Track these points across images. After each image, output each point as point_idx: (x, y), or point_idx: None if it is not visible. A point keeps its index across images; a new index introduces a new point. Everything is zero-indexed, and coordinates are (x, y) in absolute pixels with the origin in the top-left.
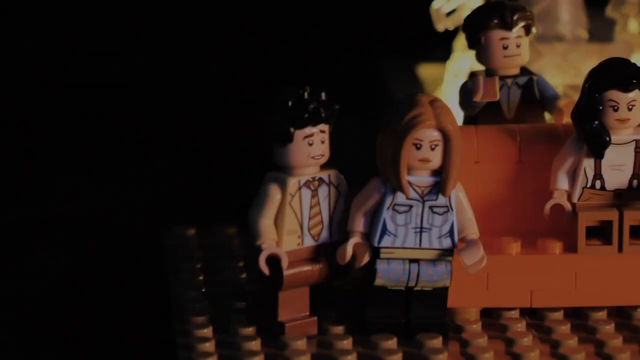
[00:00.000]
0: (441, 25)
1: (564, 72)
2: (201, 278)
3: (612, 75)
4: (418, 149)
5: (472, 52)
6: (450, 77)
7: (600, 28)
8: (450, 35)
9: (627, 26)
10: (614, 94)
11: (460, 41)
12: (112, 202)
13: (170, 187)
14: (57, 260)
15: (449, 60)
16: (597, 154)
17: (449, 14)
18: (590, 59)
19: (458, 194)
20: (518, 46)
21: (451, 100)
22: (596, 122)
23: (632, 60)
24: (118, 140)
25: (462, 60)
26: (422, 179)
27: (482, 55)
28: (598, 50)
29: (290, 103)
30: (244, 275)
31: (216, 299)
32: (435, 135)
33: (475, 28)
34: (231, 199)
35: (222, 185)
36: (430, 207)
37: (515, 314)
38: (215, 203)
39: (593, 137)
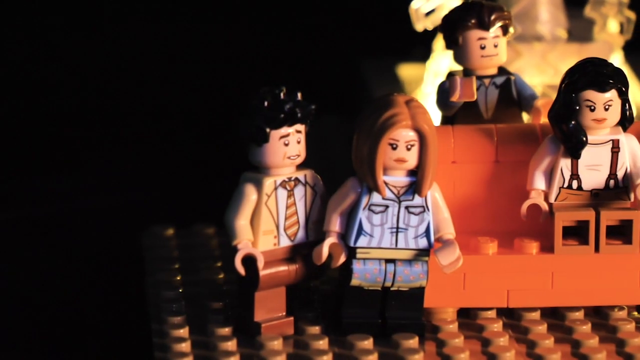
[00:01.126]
0: (420, 25)
1: (543, 72)
2: (178, 278)
3: (588, 75)
4: (394, 149)
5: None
6: (430, 76)
7: (579, 28)
8: (429, 35)
9: (606, 26)
10: (591, 94)
11: (440, 41)
12: (91, 202)
13: (148, 187)
14: (34, 259)
15: (428, 60)
16: (574, 154)
17: (428, 13)
18: (569, 58)
19: (434, 194)
20: (495, 46)
21: (431, 100)
22: (573, 122)
23: (611, 60)
24: (97, 140)
25: (442, 60)
26: (398, 179)
27: (460, 55)
28: (577, 50)
29: (266, 103)
30: (221, 276)
31: (193, 299)
32: (411, 135)
33: (453, 28)
34: (209, 200)
35: (200, 185)
36: (407, 207)
37: (491, 314)
38: (193, 203)
39: (570, 137)
